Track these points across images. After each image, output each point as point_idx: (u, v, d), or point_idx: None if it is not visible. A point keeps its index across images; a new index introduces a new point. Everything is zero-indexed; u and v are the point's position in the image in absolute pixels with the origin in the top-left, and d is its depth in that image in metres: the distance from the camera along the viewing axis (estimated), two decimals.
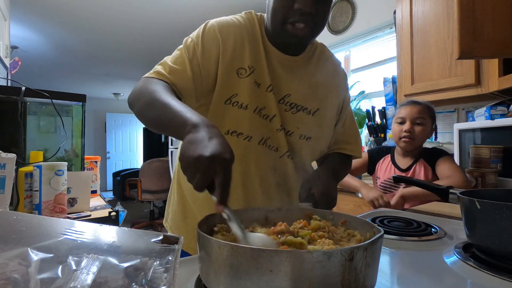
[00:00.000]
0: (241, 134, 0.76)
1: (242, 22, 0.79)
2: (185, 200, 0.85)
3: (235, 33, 0.76)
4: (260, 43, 0.78)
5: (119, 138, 8.11)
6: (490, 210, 0.54)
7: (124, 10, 3.21)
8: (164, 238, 0.37)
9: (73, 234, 0.35)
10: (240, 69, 0.75)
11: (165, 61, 0.75)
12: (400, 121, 1.46)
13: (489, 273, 0.52)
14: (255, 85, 0.76)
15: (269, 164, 0.79)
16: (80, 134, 1.37)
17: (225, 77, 0.74)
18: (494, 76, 1.44)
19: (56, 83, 6.39)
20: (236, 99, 0.74)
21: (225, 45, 0.74)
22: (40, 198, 0.95)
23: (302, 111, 0.80)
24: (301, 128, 0.80)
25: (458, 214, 1.10)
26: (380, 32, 2.59)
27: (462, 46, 0.91)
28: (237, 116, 0.75)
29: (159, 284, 0.32)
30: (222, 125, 0.74)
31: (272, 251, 0.35)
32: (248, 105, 0.75)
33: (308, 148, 0.83)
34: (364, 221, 0.51)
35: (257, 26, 0.79)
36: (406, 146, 1.43)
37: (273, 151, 0.79)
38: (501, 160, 1.41)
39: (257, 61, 0.76)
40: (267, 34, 0.79)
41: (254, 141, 0.76)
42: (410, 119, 1.42)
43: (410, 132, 1.41)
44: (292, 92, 0.79)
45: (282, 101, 0.79)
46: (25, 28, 3.61)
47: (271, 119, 0.77)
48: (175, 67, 0.72)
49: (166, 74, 0.70)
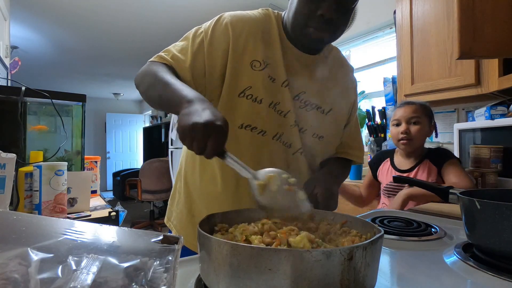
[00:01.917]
0: (255, 128, 0.75)
1: (258, 16, 0.79)
2: (192, 199, 0.85)
3: (250, 26, 0.76)
4: (276, 38, 0.78)
5: (119, 138, 8.11)
6: (490, 210, 0.54)
7: (124, 10, 3.21)
8: (164, 238, 0.37)
9: (73, 234, 0.35)
10: (254, 61, 0.75)
11: (170, 49, 0.76)
12: (396, 123, 1.46)
13: (489, 273, 0.52)
14: (269, 80, 0.75)
15: (283, 161, 0.78)
16: (80, 134, 1.37)
17: (237, 69, 0.74)
18: (494, 76, 1.44)
19: (56, 83, 6.39)
20: (250, 92, 0.74)
21: (238, 37, 0.74)
22: (40, 198, 0.95)
23: (316, 109, 0.81)
24: (314, 126, 0.81)
25: (458, 214, 1.10)
26: (380, 32, 2.59)
27: (462, 46, 0.91)
28: (251, 110, 0.74)
29: (159, 284, 0.32)
30: (234, 119, 0.75)
31: (271, 250, 0.35)
32: (263, 99, 0.75)
33: (320, 147, 0.83)
34: (364, 221, 0.51)
35: (274, 22, 0.80)
36: (405, 147, 1.42)
37: (286, 147, 0.78)
38: (501, 160, 1.41)
39: (272, 56, 0.76)
40: (285, 32, 0.80)
41: (268, 136, 0.76)
42: (405, 120, 1.42)
43: (407, 133, 1.40)
44: (308, 89, 0.80)
45: (297, 98, 0.79)
46: (25, 28, 3.61)
47: (286, 115, 0.77)
48: (178, 56, 0.74)
49: (168, 59, 0.73)
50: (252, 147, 0.74)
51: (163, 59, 0.73)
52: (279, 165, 0.76)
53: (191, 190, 0.86)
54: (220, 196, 0.78)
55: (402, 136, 1.41)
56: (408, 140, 1.40)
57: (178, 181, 0.91)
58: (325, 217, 0.56)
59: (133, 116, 8.34)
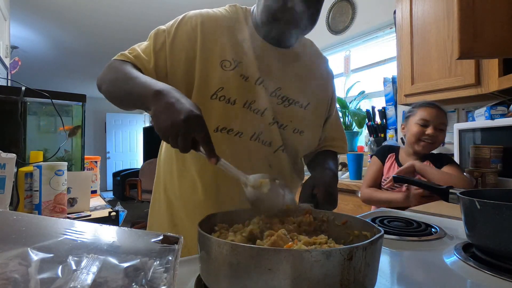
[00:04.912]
0: (231, 130, 0.73)
1: (225, 14, 0.77)
2: (173, 207, 0.82)
3: (217, 24, 0.74)
4: (246, 35, 0.75)
5: (119, 138, 8.10)
6: (490, 210, 0.54)
7: (124, 10, 3.21)
8: (164, 238, 0.37)
9: (73, 234, 0.35)
10: (223, 61, 0.72)
11: (134, 47, 0.75)
12: (424, 124, 1.40)
13: (489, 273, 0.52)
14: (242, 79, 0.73)
15: (263, 161, 0.76)
16: (80, 134, 1.37)
17: (207, 70, 0.71)
18: (494, 76, 1.44)
19: (56, 83, 6.39)
20: (222, 93, 0.71)
21: (205, 38, 0.72)
22: (40, 198, 0.95)
23: (294, 104, 0.79)
24: (294, 122, 0.78)
25: (458, 214, 1.10)
26: (380, 32, 2.58)
27: (462, 46, 0.91)
28: (225, 112, 0.72)
29: (159, 284, 0.32)
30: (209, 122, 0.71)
31: (271, 250, 0.35)
32: (236, 99, 0.72)
33: (301, 142, 0.81)
34: (364, 221, 0.51)
35: (242, 19, 0.78)
36: (424, 149, 1.40)
37: (266, 146, 0.76)
38: (501, 160, 1.41)
39: (242, 54, 0.74)
40: (255, 27, 0.77)
41: (245, 137, 0.74)
42: (434, 123, 1.38)
43: (433, 136, 1.37)
44: (283, 85, 0.77)
45: (274, 94, 0.76)
46: (25, 28, 3.62)
47: (263, 113, 0.74)
48: (142, 56, 0.72)
49: (131, 57, 0.71)
50: (229, 150, 0.71)
51: (127, 57, 0.71)
52: (259, 165, 0.75)
53: (172, 199, 0.82)
54: (202, 203, 0.76)
55: (426, 138, 1.38)
56: (431, 143, 1.39)
57: (156, 191, 0.87)
58: (325, 217, 0.56)
59: (133, 116, 8.34)
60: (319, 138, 0.88)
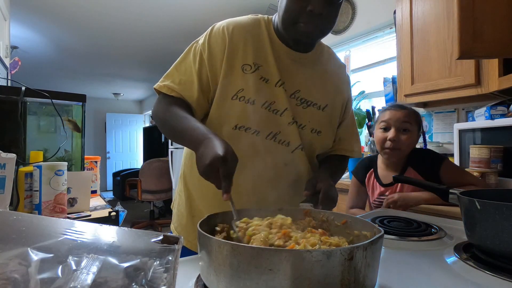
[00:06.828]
0: (249, 128, 0.77)
1: (247, 21, 0.82)
2: (192, 199, 0.86)
3: (239, 30, 0.79)
4: (266, 41, 0.80)
5: (119, 138, 8.10)
6: (490, 210, 0.54)
7: (125, 10, 3.21)
8: (164, 238, 0.37)
9: (73, 234, 0.35)
10: (244, 65, 0.78)
11: (173, 71, 0.80)
12: (384, 126, 1.30)
13: (489, 273, 0.52)
14: (262, 81, 0.78)
15: (279, 159, 0.80)
16: (80, 134, 1.37)
17: (230, 73, 0.77)
18: (494, 76, 1.44)
19: (56, 83, 6.39)
20: (242, 94, 0.76)
21: (231, 42, 0.78)
22: (40, 198, 0.95)
23: (312, 106, 0.83)
24: (312, 122, 0.83)
25: (458, 214, 1.10)
26: (380, 32, 2.58)
27: (462, 46, 0.91)
28: (244, 111, 0.77)
29: (159, 284, 0.32)
30: (229, 120, 0.77)
31: (271, 250, 0.35)
32: (256, 100, 0.77)
33: (318, 142, 0.85)
34: (365, 221, 0.51)
35: (263, 26, 0.82)
36: (389, 157, 1.29)
37: (284, 146, 0.80)
38: (501, 160, 1.41)
39: (263, 58, 0.79)
40: (276, 32, 0.82)
41: (261, 136, 0.78)
42: (395, 125, 1.27)
43: (395, 140, 1.25)
44: (302, 87, 0.82)
45: (293, 96, 0.81)
46: (25, 28, 3.61)
47: (282, 113, 0.79)
48: (184, 79, 0.78)
49: (175, 88, 0.78)
50: (246, 147, 0.76)
51: (171, 91, 0.78)
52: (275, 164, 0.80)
53: (191, 191, 0.87)
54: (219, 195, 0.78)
55: (388, 144, 1.26)
56: (394, 149, 1.26)
57: (179, 184, 0.93)
58: (325, 217, 0.56)
59: (133, 116, 8.34)
60: (333, 140, 0.92)
